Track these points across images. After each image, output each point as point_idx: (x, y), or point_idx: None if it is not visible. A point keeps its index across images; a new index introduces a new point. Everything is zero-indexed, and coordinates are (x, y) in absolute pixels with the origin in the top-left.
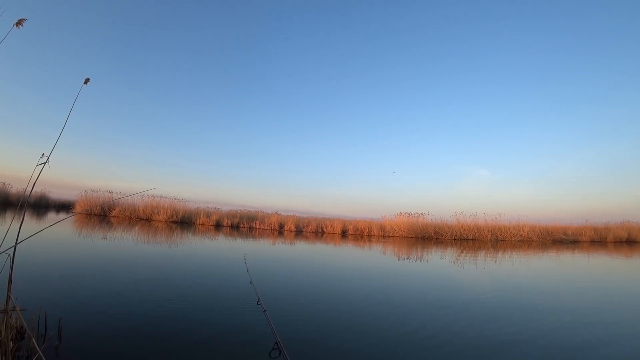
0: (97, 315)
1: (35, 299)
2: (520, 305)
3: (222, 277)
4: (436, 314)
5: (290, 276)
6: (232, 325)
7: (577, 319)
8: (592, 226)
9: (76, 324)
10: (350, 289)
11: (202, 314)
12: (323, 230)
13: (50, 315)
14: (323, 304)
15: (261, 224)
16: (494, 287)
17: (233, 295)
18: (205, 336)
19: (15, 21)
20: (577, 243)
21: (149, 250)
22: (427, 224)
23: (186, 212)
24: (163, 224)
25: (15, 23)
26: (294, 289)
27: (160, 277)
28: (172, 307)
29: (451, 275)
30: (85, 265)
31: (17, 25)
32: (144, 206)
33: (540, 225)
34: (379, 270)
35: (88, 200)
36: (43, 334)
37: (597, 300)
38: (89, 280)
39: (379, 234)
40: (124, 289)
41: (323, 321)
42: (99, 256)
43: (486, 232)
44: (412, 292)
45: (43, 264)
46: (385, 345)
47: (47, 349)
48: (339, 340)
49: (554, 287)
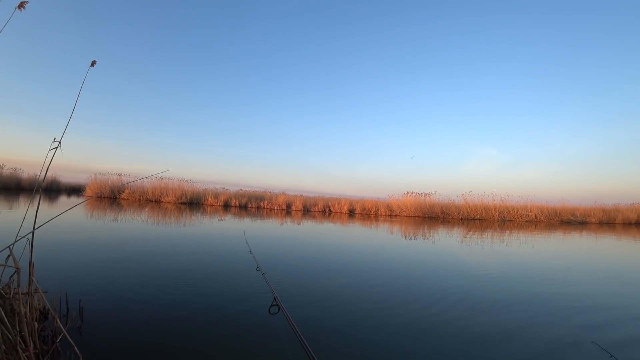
0: (115, 295)
1: (55, 282)
2: (527, 286)
3: (226, 251)
4: (437, 289)
5: (292, 251)
6: (238, 292)
7: (582, 299)
8: (601, 207)
9: (96, 305)
10: (350, 263)
11: (209, 289)
12: (330, 209)
13: (70, 297)
14: (322, 274)
15: (269, 204)
16: (500, 266)
17: (236, 264)
18: (212, 303)
19: (18, 3)
20: (585, 224)
21: (160, 231)
22: (434, 203)
23: (194, 194)
24: (172, 205)
25: (17, 6)
26: (295, 262)
27: (172, 256)
28: (184, 283)
29: (457, 254)
30: (100, 247)
31: (19, 8)
32: (153, 188)
33: (548, 206)
34: (383, 246)
35: (98, 183)
36: (65, 314)
37: (602, 282)
38: (104, 262)
39: (386, 213)
40: (139, 268)
41: (319, 285)
42: (113, 238)
43: (493, 212)
44: (414, 267)
45: (59, 247)
46: (376, 305)
47: (71, 329)
48: (334, 299)
49: (559, 268)
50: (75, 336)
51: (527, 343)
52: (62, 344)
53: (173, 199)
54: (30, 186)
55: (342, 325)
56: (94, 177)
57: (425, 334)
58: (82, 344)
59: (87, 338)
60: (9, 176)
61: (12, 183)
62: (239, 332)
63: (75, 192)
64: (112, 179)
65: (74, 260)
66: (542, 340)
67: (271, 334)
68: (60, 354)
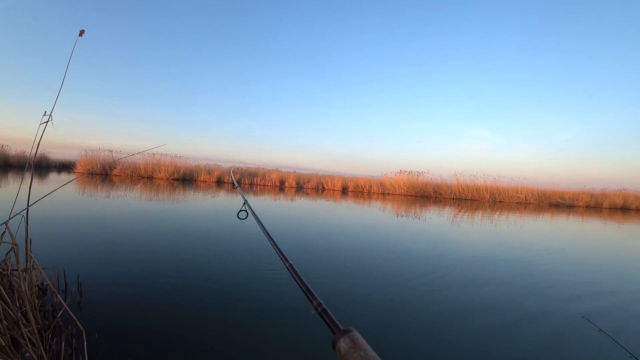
0: (112, 270)
1: (51, 258)
2: (511, 261)
3: (218, 225)
4: (425, 264)
5: (288, 226)
6: (232, 259)
7: (563, 275)
8: (589, 192)
9: (94, 280)
10: (342, 239)
11: (204, 262)
12: (324, 186)
13: (68, 273)
14: (315, 248)
15: (262, 181)
16: (487, 244)
17: (226, 232)
18: (210, 273)
19: None
20: (573, 208)
21: (153, 207)
22: (427, 183)
23: (187, 170)
24: (165, 182)
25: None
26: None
27: (165, 231)
28: (178, 257)
29: (447, 232)
30: (94, 224)
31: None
32: (145, 164)
33: (538, 189)
34: (374, 224)
35: (89, 160)
36: (64, 290)
37: (584, 261)
38: (99, 238)
39: (378, 191)
40: (132, 243)
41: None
42: (106, 214)
43: (484, 193)
44: (403, 244)
45: (53, 224)
46: (363, 278)
47: (71, 304)
48: (326, 272)
49: (544, 247)
50: (75, 311)
51: (515, 314)
52: (63, 318)
53: (165, 175)
54: (19, 163)
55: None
56: (84, 154)
57: (408, 304)
58: (83, 318)
59: (87, 312)
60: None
61: (0, 160)
62: (240, 302)
63: (65, 169)
64: (103, 155)
65: (69, 237)
66: (534, 314)
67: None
68: (62, 329)
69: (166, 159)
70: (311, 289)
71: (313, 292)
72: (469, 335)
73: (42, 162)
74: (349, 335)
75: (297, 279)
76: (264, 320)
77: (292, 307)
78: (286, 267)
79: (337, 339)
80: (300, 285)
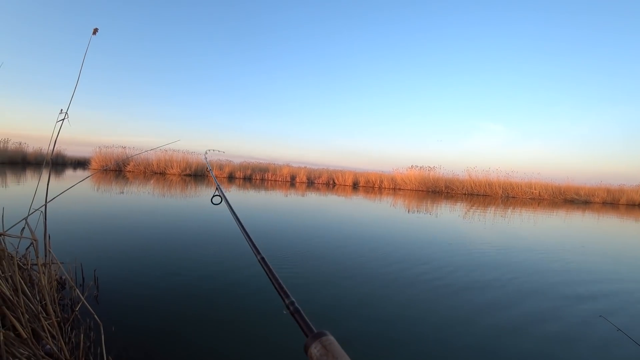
0: (128, 264)
1: (69, 253)
2: (525, 257)
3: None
4: (434, 260)
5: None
6: (236, 256)
7: (587, 275)
8: (605, 187)
9: (110, 274)
10: (352, 234)
11: (218, 257)
12: (334, 181)
13: (85, 267)
14: (323, 244)
15: (273, 176)
16: (499, 241)
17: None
18: (223, 269)
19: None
20: (589, 204)
21: (167, 202)
22: (439, 178)
23: (199, 165)
24: (177, 177)
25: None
26: (298, 233)
27: (180, 226)
28: (194, 252)
29: (458, 228)
30: (110, 219)
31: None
32: (158, 160)
33: (552, 184)
34: (385, 219)
35: (103, 156)
36: (81, 284)
37: (597, 260)
38: (115, 233)
39: (389, 186)
40: (148, 238)
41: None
42: (121, 210)
43: (497, 189)
44: (414, 240)
45: (69, 219)
46: (373, 272)
47: (88, 298)
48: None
49: (558, 244)
50: (93, 304)
51: (532, 314)
52: (81, 312)
53: (178, 170)
54: (36, 160)
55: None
56: (98, 150)
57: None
58: (100, 312)
59: (104, 306)
60: (15, 151)
61: (18, 157)
62: (247, 297)
63: (80, 166)
64: (117, 151)
65: (85, 232)
66: (551, 313)
67: None
68: (81, 322)
69: (178, 155)
70: (284, 286)
71: (286, 289)
72: (482, 333)
73: (58, 159)
74: (321, 340)
75: (269, 273)
76: (279, 320)
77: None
78: (258, 261)
79: (309, 343)
80: (272, 280)
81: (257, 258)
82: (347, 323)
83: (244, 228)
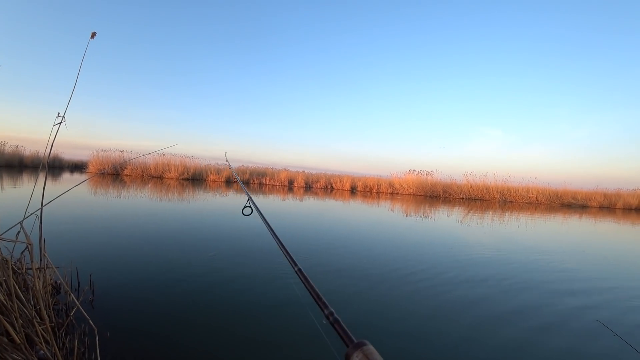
0: (124, 269)
1: (64, 257)
2: (522, 262)
3: (230, 226)
4: (445, 268)
5: (299, 226)
6: (245, 267)
7: (583, 279)
8: (602, 192)
9: (106, 279)
10: (350, 238)
11: (216, 263)
12: (332, 186)
13: (80, 272)
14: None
15: (271, 180)
16: (497, 244)
17: (239, 232)
18: (219, 277)
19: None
20: (586, 208)
21: (164, 207)
22: (436, 182)
23: (197, 169)
24: (175, 182)
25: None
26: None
27: (176, 230)
28: (190, 257)
29: (456, 232)
30: (106, 223)
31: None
32: (155, 164)
33: (549, 189)
34: (383, 224)
35: (100, 160)
36: (76, 289)
37: (593, 263)
38: (112, 237)
39: (387, 191)
40: (144, 243)
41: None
42: (118, 214)
43: (495, 193)
44: (412, 244)
45: (66, 223)
46: (370, 273)
47: (83, 303)
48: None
49: (551, 248)
50: (88, 309)
51: (528, 319)
52: (76, 317)
53: (175, 175)
54: (33, 163)
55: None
56: (96, 154)
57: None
58: (95, 317)
59: (99, 311)
60: (12, 154)
61: (14, 161)
62: (250, 306)
63: (77, 169)
64: (114, 155)
65: (81, 237)
66: (544, 316)
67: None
68: (75, 327)
69: (176, 159)
70: (322, 297)
71: (324, 300)
72: (488, 346)
73: (55, 163)
74: (363, 350)
75: (307, 285)
76: (271, 329)
77: (302, 314)
78: (295, 272)
79: (350, 353)
80: (310, 291)
81: (294, 269)
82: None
83: (280, 240)
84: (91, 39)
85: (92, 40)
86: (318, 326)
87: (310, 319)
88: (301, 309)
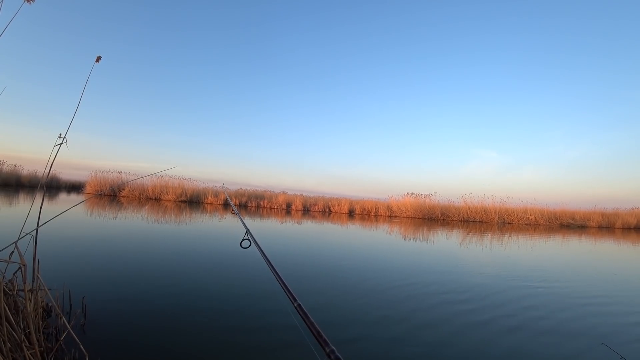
0: (118, 292)
1: (57, 279)
2: (523, 285)
3: (227, 250)
4: (431, 288)
5: (294, 249)
6: (241, 288)
7: (589, 302)
8: (600, 211)
9: (99, 302)
10: (348, 262)
11: (211, 287)
12: (330, 209)
13: (73, 294)
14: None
15: (269, 203)
16: (497, 267)
17: (236, 260)
18: (215, 301)
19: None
20: (585, 228)
21: (161, 229)
22: (434, 205)
23: (194, 192)
24: (172, 204)
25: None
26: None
27: (174, 254)
28: (186, 281)
29: (455, 255)
30: (102, 245)
31: (28, 1)
32: (153, 186)
33: (547, 209)
34: (382, 247)
35: (98, 181)
36: (68, 312)
37: (606, 286)
38: (107, 260)
39: (385, 214)
40: (140, 266)
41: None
42: (114, 236)
43: (493, 215)
44: (411, 268)
45: (60, 244)
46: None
47: (75, 327)
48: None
49: (555, 270)
50: (79, 334)
51: (535, 342)
52: (67, 341)
53: (173, 197)
54: (30, 183)
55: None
56: (93, 175)
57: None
58: (86, 341)
59: (91, 336)
60: (9, 173)
61: (12, 179)
62: (245, 331)
63: (75, 190)
64: (112, 176)
65: (76, 258)
66: (552, 339)
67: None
68: (65, 352)
69: (174, 181)
70: (322, 334)
71: (325, 338)
72: None
73: (52, 183)
74: None
75: (307, 321)
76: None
77: (302, 352)
78: (295, 308)
79: None
80: (310, 328)
81: (293, 305)
82: None
83: (279, 274)
84: (96, 62)
85: (96, 64)
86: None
87: (312, 356)
88: (302, 345)
